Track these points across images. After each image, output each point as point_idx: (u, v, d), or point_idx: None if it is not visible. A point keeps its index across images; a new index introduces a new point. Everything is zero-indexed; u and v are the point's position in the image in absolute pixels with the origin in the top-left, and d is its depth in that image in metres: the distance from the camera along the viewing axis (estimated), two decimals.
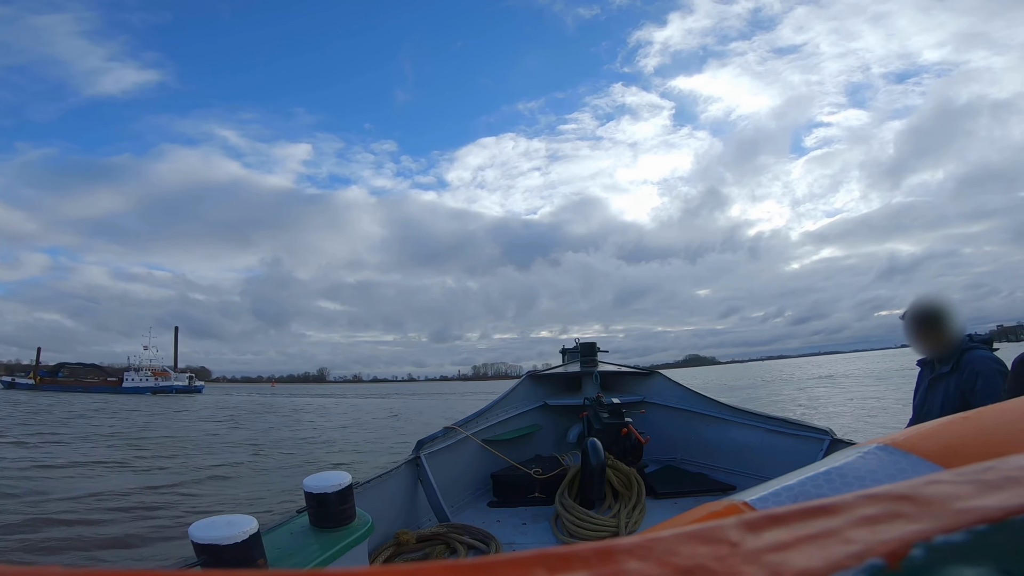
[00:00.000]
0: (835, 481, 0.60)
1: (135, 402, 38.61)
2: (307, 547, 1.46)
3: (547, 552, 0.21)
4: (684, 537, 0.22)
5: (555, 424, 4.44)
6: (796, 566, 0.20)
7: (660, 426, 4.03)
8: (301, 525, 1.57)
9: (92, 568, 0.20)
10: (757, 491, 0.65)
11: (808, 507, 0.24)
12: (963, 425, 0.64)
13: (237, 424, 20.24)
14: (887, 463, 0.59)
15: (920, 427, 0.68)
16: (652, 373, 4.58)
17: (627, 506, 2.85)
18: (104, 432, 16.29)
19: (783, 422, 3.39)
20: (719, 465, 3.69)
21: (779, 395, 24.88)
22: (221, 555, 1.13)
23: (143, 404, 35.68)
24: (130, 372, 66.14)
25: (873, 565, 0.20)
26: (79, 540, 5.49)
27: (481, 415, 3.77)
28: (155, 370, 67.89)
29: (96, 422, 20.13)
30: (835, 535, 0.22)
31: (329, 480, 1.55)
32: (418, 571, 0.21)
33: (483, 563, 0.21)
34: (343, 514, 1.55)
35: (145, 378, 64.70)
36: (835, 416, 14.36)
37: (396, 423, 20.18)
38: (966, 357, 2.27)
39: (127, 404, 34.93)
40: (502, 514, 3.12)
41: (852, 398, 20.23)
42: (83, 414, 24.02)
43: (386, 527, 2.47)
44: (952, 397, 2.24)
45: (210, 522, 1.18)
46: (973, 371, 2.21)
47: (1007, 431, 0.59)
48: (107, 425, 18.99)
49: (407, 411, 27.00)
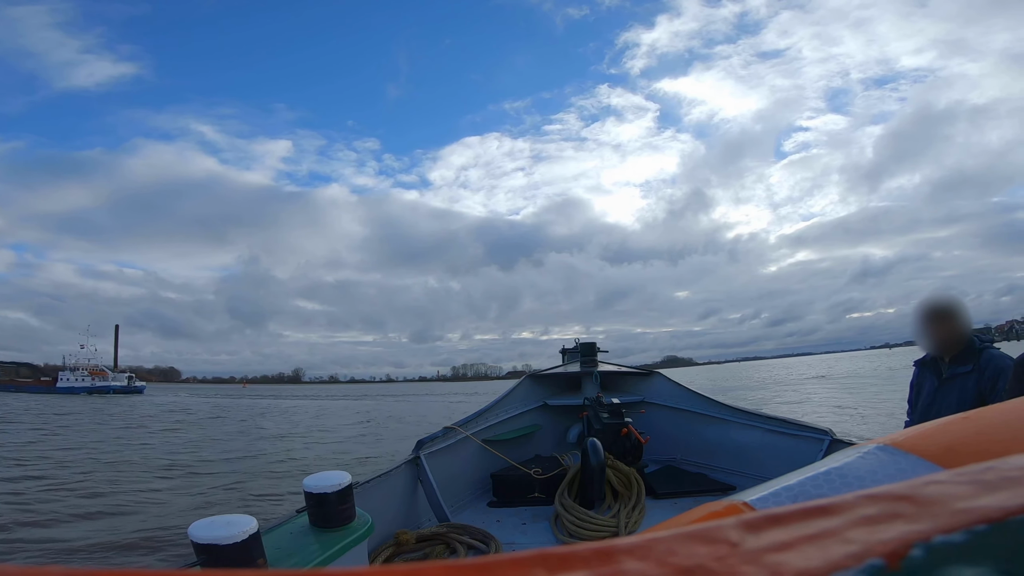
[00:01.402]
0: (835, 481, 0.60)
1: (60, 403, 36.65)
2: (307, 547, 1.46)
3: (547, 552, 0.21)
4: (684, 537, 0.22)
5: (555, 424, 4.44)
6: (796, 566, 0.20)
7: (660, 426, 4.03)
8: (301, 525, 1.57)
9: (92, 568, 0.20)
10: (757, 491, 0.65)
11: (808, 507, 0.24)
12: (963, 425, 0.64)
13: (149, 433, 17.33)
14: (887, 463, 0.59)
15: (920, 427, 0.68)
16: (652, 373, 4.58)
17: (627, 506, 2.86)
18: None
19: (783, 422, 3.39)
20: (719, 465, 3.69)
21: (779, 397, 24.68)
22: (221, 555, 1.13)
23: (68, 405, 34.01)
24: (65, 372, 63.95)
25: (873, 565, 0.20)
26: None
27: (481, 415, 3.77)
28: (92, 370, 65.74)
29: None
30: (835, 535, 0.22)
31: (329, 480, 1.55)
32: (418, 571, 0.21)
33: (483, 563, 0.21)
34: (343, 514, 1.55)
35: (81, 378, 62.63)
36: (826, 416, 14.20)
37: (367, 429, 18.56)
38: (985, 356, 2.25)
39: (49, 405, 33.32)
40: (502, 514, 3.12)
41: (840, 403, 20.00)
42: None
43: (386, 527, 2.47)
44: (970, 396, 2.22)
45: (210, 522, 1.18)
46: (996, 368, 2.18)
47: (1007, 431, 0.59)
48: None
49: (380, 414, 25.77)
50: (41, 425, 20.32)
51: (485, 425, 3.75)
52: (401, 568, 0.21)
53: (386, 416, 24.37)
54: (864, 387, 25.17)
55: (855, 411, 15.48)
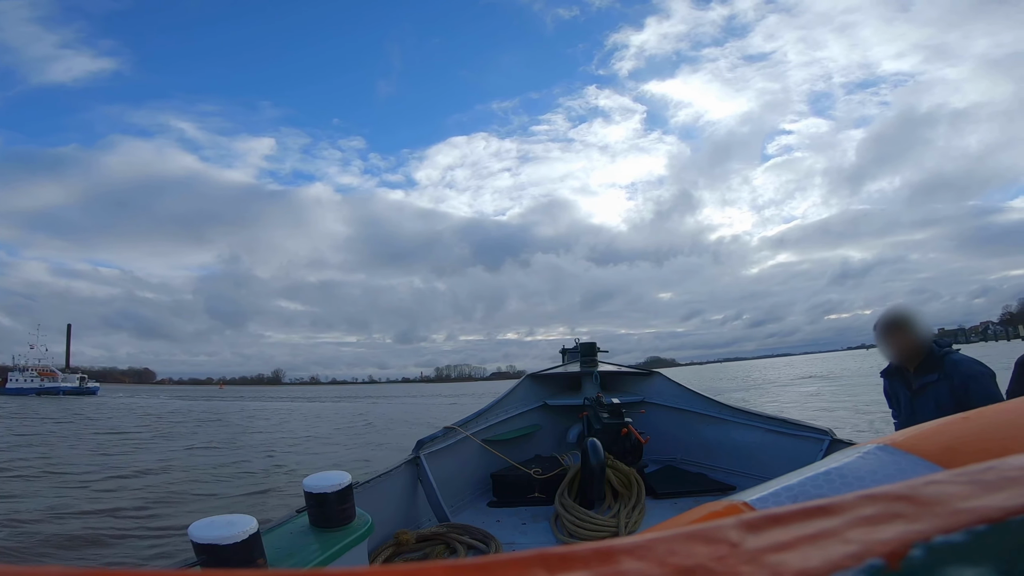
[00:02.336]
0: (835, 481, 0.60)
1: (3, 405, 35.11)
2: (307, 547, 1.46)
3: (547, 552, 0.21)
4: (684, 537, 0.22)
5: (555, 424, 4.44)
6: (796, 566, 0.20)
7: (660, 426, 4.03)
8: (301, 525, 1.57)
9: (92, 568, 0.20)
10: (757, 491, 0.65)
11: (808, 507, 0.24)
12: (963, 425, 0.64)
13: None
14: (887, 463, 0.59)
15: (920, 427, 0.68)
16: (652, 373, 4.58)
17: (627, 506, 2.86)
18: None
19: (783, 422, 3.40)
20: (719, 465, 3.69)
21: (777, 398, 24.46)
22: (221, 555, 1.13)
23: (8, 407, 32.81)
24: (15, 372, 62.38)
25: (873, 565, 0.20)
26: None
27: (481, 415, 3.77)
28: (41, 370, 64.15)
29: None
30: (835, 535, 0.22)
31: (329, 480, 1.55)
32: (418, 571, 0.21)
33: (483, 563, 0.21)
34: (343, 514, 1.55)
35: (30, 379, 61.19)
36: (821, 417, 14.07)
37: (337, 435, 16.40)
38: (949, 363, 2.27)
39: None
40: (502, 514, 3.12)
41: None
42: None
43: (386, 527, 2.47)
44: (946, 404, 2.22)
45: (210, 522, 1.18)
46: (964, 376, 2.20)
47: (1007, 431, 0.59)
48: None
49: (354, 422, 22.68)
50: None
51: (485, 425, 3.75)
52: (401, 568, 0.21)
53: (371, 425, 20.99)
54: (855, 387, 24.90)
55: (856, 412, 15.43)
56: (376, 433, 17.51)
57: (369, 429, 19.14)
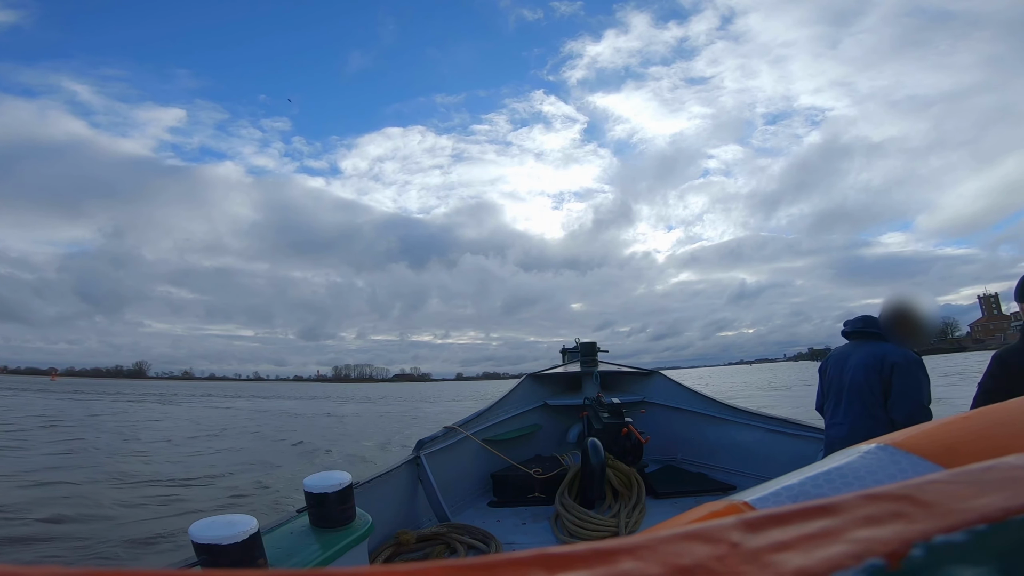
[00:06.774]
0: (835, 481, 0.60)
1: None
2: (307, 547, 1.46)
3: (547, 552, 0.21)
4: (684, 537, 0.22)
5: (555, 424, 4.44)
6: (796, 566, 0.20)
7: (660, 426, 4.03)
8: (301, 525, 1.57)
9: (92, 568, 0.20)
10: (757, 491, 0.65)
11: (808, 507, 0.24)
12: (963, 425, 0.64)
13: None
14: (887, 463, 0.59)
15: (920, 427, 0.68)
16: (652, 373, 4.58)
17: (627, 506, 2.86)
18: None
19: (783, 422, 3.40)
20: (719, 465, 3.69)
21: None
22: (221, 555, 1.13)
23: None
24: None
25: (873, 565, 0.20)
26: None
27: (481, 415, 3.77)
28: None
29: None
30: (835, 535, 0.22)
31: (329, 480, 1.55)
32: (418, 571, 0.21)
33: (483, 563, 0.21)
34: (343, 514, 1.55)
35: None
36: None
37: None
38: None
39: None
40: (502, 514, 3.12)
41: None
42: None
43: (386, 527, 2.47)
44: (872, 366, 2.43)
45: (210, 522, 1.18)
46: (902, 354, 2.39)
47: (1007, 431, 0.59)
48: None
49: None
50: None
51: (485, 425, 3.75)
52: (401, 568, 0.21)
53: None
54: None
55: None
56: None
57: None
